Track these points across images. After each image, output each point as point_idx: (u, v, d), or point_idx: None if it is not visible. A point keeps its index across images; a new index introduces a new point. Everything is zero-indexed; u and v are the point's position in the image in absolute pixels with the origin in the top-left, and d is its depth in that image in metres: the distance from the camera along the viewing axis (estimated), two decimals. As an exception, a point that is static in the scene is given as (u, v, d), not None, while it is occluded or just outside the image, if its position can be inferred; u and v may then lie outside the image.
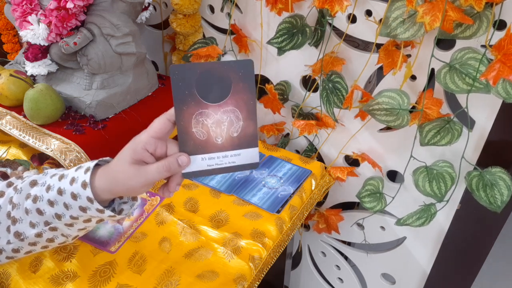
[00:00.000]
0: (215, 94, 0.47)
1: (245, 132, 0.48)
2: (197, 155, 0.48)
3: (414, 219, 0.84)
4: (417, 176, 0.78)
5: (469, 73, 0.65)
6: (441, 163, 0.77)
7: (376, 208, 0.89)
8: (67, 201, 0.49)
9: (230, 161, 0.49)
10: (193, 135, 0.47)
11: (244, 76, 0.47)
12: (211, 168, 0.49)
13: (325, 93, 0.85)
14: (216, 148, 0.48)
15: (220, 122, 0.47)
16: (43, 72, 0.89)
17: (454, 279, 0.96)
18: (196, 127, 0.47)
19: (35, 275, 0.66)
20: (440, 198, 0.77)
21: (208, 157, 0.48)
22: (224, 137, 0.48)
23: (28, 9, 0.83)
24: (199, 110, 0.46)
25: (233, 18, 0.95)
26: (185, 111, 0.46)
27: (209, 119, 0.47)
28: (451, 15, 0.61)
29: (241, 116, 0.48)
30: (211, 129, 0.47)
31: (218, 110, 0.47)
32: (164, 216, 0.78)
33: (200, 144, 0.47)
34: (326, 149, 1.00)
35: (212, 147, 0.48)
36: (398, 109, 0.73)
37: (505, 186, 0.70)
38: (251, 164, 0.50)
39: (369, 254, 1.08)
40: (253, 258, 0.71)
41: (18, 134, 0.83)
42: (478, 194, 0.73)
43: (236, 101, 0.47)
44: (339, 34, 0.83)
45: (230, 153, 0.49)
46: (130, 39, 0.87)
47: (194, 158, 0.48)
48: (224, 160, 0.49)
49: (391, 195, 0.89)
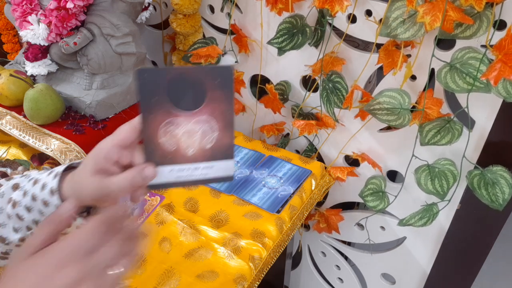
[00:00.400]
0: (188, 101, 0.42)
1: (220, 143, 0.45)
2: (165, 165, 0.43)
3: (416, 219, 0.84)
4: (419, 174, 0.78)
5: (470, 72, 0.65)
6: (443, 161, 0.77)
7: (379, 207, 0.89)
8: (40, 208, 0.46)
9: (202, 173, 0.45)
10: (160, 145, 0.43)
11: (222, 84, 0.43)
12: (180, 180, 0.45)
13: (325, 93, 0.85)
14: (187, 159, 0.44)
15: (192, 132, 0.43)
16: (43, 72, 0.89)
17: (454, 279, 0.96)
18: (164, 137, 0.42)
19: (35, 275, 0.66)
20: (443, 195, 0.77)
21: (177, 168, 0.44)
22: (196, 148, 0.44)
23: (28, 9, 0.83)
24: (169, 118, 0.42)
25: (233, 18, 0.95)
26: (152, 119, 0.42)
27: (179, 129, 0.43)
28: (452, 15, 0.61)
29: (216, 127, 0.44)
30: (182, 139, 0.43)
31: (190, 119, 0.43)
32: (164, 216, 0.78)
33: (168, 154, 0.43)
34: (326, 149, 1.00)
35: (182, 158, 0.44)
36: (399, 109, 0.73)
37: (506, 184, 0.71)
38: (225, 177, 0.46)
39: (369, 254, 1.08)
40: (253, 258, 0.71)
41: (18, 134, 0.83)
42: (479, 193, 0.73)
43: (211, 110, 0.43)
44: (339, 34, 0.83)
45: (202, 165, 0.45)
46: (130, 39, 0.87)
47: (161, 169, 0.43)
48: (195, 172, 0.45)
49: (392, 195, 0.89)
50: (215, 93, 0.43)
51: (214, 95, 0.43)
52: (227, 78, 0.43)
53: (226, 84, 0.43)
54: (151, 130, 0.42)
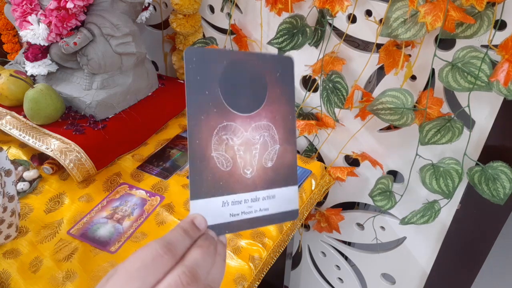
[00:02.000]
0: (245, 99, 0.32)
1: (282, 161, 0.33)
2: (216, 197, 0.31)
3: (418, 217, 0.84)
4: (424, 173, 0.78)
5: (471, 71, 0.65)
6: (448, 160, 0.77)
7: (386, 206, 0.89)
8: None
9: (262, 208, 0.33)
10: (212, 162, 0.31)
11: (283, 79, 0.33)
12: (236, 219, 0.32)
13: (325, 93, 0.85)
14: (244, 185, 0.32)
15: (251, 143, 0.32)
16: (43, 72, 0.89)
17: (454, 279, 0.96)
18: (217, 150, 0.31)
19: (35, 275, 0.66)
20: (448, 195, 0.77)
21: (231, 200, 0.32)
22: (256, 167, 0.32)
23: (28, 9, 0.82)
24: (224, 122, 0.31)
25: (233, 18, 0.95)
26: (204, 122, 0.30)
27: (236, 137, 0.31)
28: (453, 14, 0.61)
29: (277, 137, 0.33)
30: (238, 153, 0.32)
31: (248, 125, 0.32)
32: (164, 216, 0.78)
33: (221, 177, 0.31)
34: (326, 149, 1.00)
35: (238, 184, 0.32)
36: (402, 108, 0.73)
37: (507, 179, 0.71)
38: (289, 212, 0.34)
39: (369, 254, 1.08)
40: (253, 258, 0.71)
41: (18, 134, 0.83)
42: (480, 188, 0.74)
43: (271, 114, 0.33)
44: (339, 34, 0.83)
45: (262, 194, 0.33)
46: (130, 39, 0.87)
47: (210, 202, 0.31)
48: (254, 206, 0.33)
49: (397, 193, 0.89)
50: (275, 91, 0.33)
51: (274, 93, 0.33)
52: (288, 71, 0.33)
53: (287, 78, 0.33)
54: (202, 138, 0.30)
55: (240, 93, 0.31)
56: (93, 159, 0.81)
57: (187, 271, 0.28)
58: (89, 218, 0.76)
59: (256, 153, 0.32)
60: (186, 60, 0.30)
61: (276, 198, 0.33)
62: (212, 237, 0.31)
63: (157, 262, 0.28)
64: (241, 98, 0.31)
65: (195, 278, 0.28)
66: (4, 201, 0.63)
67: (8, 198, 0.64)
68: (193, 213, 0.31)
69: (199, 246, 0.30)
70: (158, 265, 0.28)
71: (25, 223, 0.74)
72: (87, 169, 0.80)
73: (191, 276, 0.28)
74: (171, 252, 0.29)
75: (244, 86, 0.32)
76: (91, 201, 0.80)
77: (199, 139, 0.30)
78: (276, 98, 0.33)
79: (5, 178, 0.63)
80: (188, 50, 0.30)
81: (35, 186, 0.81)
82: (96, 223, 0.75)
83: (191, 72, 0.29)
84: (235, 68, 0.31)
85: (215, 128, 0.31)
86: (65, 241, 0.71)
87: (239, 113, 0.31)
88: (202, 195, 0.31)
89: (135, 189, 0.83)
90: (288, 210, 0.34)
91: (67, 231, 0.73)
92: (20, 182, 0.80)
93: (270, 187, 0.33)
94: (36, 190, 0.81)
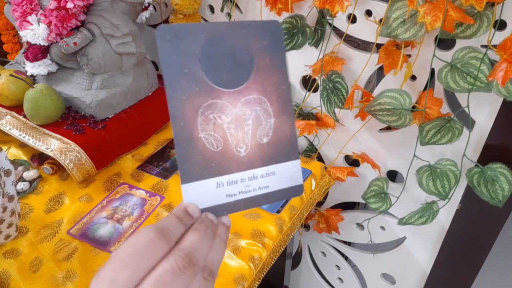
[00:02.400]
0: (230, 73, 0.29)
1: (279, 135, 0.31)
2: (209, 178, 0.30)
3: (416, 217, 0.84)
4: (420, 175, 0.78)
5: (471, 72, 0.65)
6: (444, 162, 0.77)
7: (381, 208, 0.89)
8: None
9: (261, 186, 0.31)
10: (200, 143, 0.29)
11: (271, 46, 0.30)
12: (233, 200, 0.31)
13: (325, 93, 0.85)
14: (239, 164, 0.30)
15: (242, 119, 0.30)
16: (43, 72, 0.89)
17: (454, 279, 0.96)
18: (205, 130, 0.29)
19: (35, 275, 0.66)
20: (445, 196, 0.77)
21: (226, 180, 0.30)
22: (250, 144, 0.31)
23: (28, 9, 0.82)
24: (209, 100, 0.29)
25: (233, 18, 0.95)
26: (186, 102, 0.28)
27: (224, 115, 0.30)
28: (452, 15, 0.61)
29: (270, 110, 0.31)
30: (229, 131, 0.30)
31: (237, 100, 0.30)
32: (164, 216, 0.78)
33: (212, 158, 0.30)
34: (326, 149, 1.00)
35: (232, 163, 0.30)
36: (400, 109, 0.73)
37: (506, 181, 0.71)
38: (293, 188, 0.32)
39: (369, 254, 1.08)
40: (253, 258, 0.71)
41: (18, 134, 0.83)
42: (479, 190, 0.74)
43: (262, 86, 0.30)
44: (339, 34, 0.83)
45: (260, 171, 0.31)
46: (130, 39, 0.87)
47: (203, 184, 0.29)
48: (252, 185, 0.31)
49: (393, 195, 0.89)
50: (264, 60, 0.30)
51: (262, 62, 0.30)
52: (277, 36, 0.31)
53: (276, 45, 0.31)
54: (186, 120, 0.28)
55: (223, 68, 0.29)
56: (93, 159, 0.81)
57: (183, 254, 0.27)
58: (89, 218, 0.76)
59: (248, 130, 0.30)
60: (159, 39, 0.28)
61: (276, 174, 0.32)
62: (209, 220, 0.30)
63: (151, 247, 0.27)
64: (226, 73, 0.29)
65: (192, 261, 0.27)
66: (4, 201, 0.63)
67: (8, 198, 0.64)
68: (185, 198, 0.30)
69: (195, 229, 0.29)
70: (151, 250, 0.27)
71: (25, 223, 0.74)
72: (87, 169, 0.80)
73: (187, 260, 0.27)
74: (164, 237, 0.28)
75: (227, 59, 0.29)
76: (91, 201, 0.80)
77: (183, 121, 0.28)
78: (266, 69, 0.30)
79: (5, 178, 0.63)
80: (160, 28, 0.28)
81: (35, 186, 0.81)
82: (96, 223, 0.75)
83: (166, 51, 0.28)
84: (215, 41, 0.29)
85: (200, 108, 0.29)
86: (65, 241, 0.71)
87: (224, 89, 0.29)
88: (194, 178, 0.29)
89: (135, 189, 0.83)
90: (291, 186, 0.32)
91: (67, 231, 0.73)
92: (20, 182, 0.80)
93: (268, 163, 0.31)
94: (36, 190, 0.81)
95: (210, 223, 0.30)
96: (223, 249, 0.31)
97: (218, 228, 0.31)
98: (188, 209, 0.30)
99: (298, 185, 0.33)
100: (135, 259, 0.26)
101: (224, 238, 0.31)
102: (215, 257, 0.30)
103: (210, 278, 0.29)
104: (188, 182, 0.29)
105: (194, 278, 0.28)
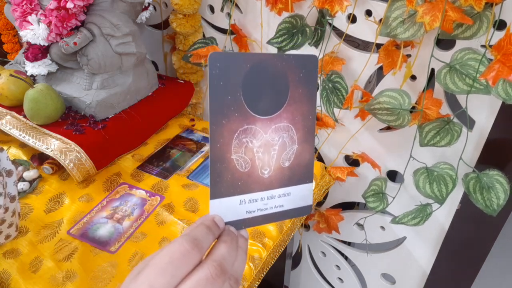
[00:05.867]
0: (266, 102, 0.32)
1: (299, 160, 0.34)
2: (234, 196, 0.33)
3: (409, 218, 0.84)
4: (417, 177, 0.78)
5: (469, 73, 0.65)
6: (442, 165, 0.77)
7: (379, 208, 0.89)
8: None
9: (277, 205, 0.35)
10: (231, 164, 0.32)
11: (307, 78, 0.33)
12: (252, 216, 0.34)
13: (325, 93, 0.85)
14: (261, 185, 0.33)
15: (270, 145, 0.33)
16: (43, 72, 0.89)
17: (454, 279, 0.96)
18: (237, 152, 0.32)
19: (35, 275, 0.66)
20: (441, 200, 0.77)
21: (248, 198, 0.33)
22: (273, 167, 0.33)
23: (28, 9, 0.83)
24: (244, 125, 0.32)
25: (233, 18, 0.95)
26: (225, 126, 0.31)
27: (256, 140, 0.32)
28: (451, 15, 0.61)
29: (296, 137, 0.34)
30: (257, 155, 0.33)
31: (268, 127, 0.32)
32: (164, 216, 0.78)
33: (239, 178, 0.33)
34: (326, 149, 1.00)
35: (256, 184, 0.33)
36: (399, 109, 0.73)
37: (502, 189, 0.70)
38: (303, 208, 0.36)
39: (369, 254, 1.08)
40: (253, 258, 0.71)
41: (18, 134, 0.83)
42: (474, 197, 0.73)
43: (292, 115, 0.33)
44: (339, 34, 0.83)
45: (278, 192, 0.34)
46: (130, 39, 0.87)
47: (229, 201, 0.33)
48: (270, 204, 0.34)
49: (392, 195, 0.89)
50: (297, 91, 0.33)
51: (296, 93, 0.33)
52: (312, 70, 0.33)
53: (311, 78, 0.33)
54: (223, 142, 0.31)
55: (262, 96, 0.32)
56: (93, 159, 0.81)
57: (216, 264, 0.31)
58: (89, 218, 0.76)
59: (274, 154, 0.33)
60: (210, 65, 0.30)
61: (291, 195, 0.35)
62: (233, 233, 0.34)
63: (185, 257, 0.30)
64: (263, 101, 0.32)
65: (223, 270, 0.31)
66: (5, 202, 0.63)
67: (9, 198, 0.64)
68: (212, 211, 0.33)
69: (223, 241, 0.33)
70: (186, 260, 0.30)
71: (25, 223, 0.74)
72: (87, 169, 0.81)
73: (219, 269, 0.30)
74: (197, 247, 0.30)
75: (266, 89, 0.32)
76: (91, 201, 0.80)
77: (220, 143, 0.31)
78: (298, 99, 0.33)
79: (7, 178, 0.63)
80: (212, 55, 0.30)
81: (35, 186, 0.81)
82: (96, 223, 0.75)
83: (214, 78, 0.30)
84: (257, 71, 0.31)
85: (236, 132, 0.31)
86: (65, 241, 0.71)
87: (260, 116, 0.32)
88: (222, 195, 0.33)
89: (135, 189, 0.83)
90: (302, 206, 0.36)
91: (67, 231, 0.73)
92: (20, 182, 0.80)
93: (286, 185, 0.35)
94: (36, 190, 0.81)
95: (234, 236, 0.34)
96: (245, 259, 0.34)
97: (239, 240, 0.34)
98: (215, 220, 0.33)
99: (308, 205, 0.36)
100: (172, 267, 0.29)
101: (245, 249, 0.35)
102: (239, 266, 0.33)
103: (236, 285, 0.32)
104: (216, 198, 0.33)
105: (223, 286, 0.31)
